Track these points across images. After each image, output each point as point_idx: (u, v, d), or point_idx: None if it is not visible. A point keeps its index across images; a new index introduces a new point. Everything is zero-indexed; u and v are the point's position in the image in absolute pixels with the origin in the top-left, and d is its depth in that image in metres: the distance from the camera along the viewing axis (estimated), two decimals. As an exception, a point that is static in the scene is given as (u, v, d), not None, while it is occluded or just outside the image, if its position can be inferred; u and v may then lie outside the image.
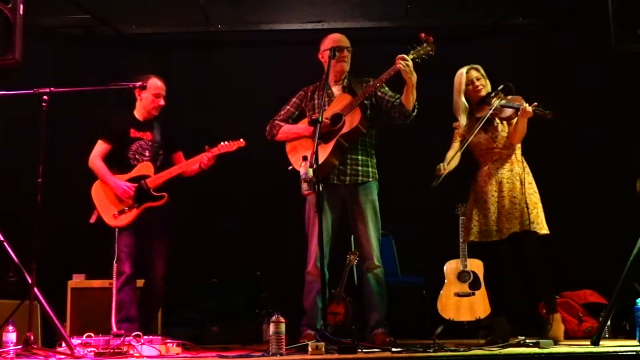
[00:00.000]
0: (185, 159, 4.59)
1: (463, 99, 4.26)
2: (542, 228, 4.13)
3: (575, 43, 5.82)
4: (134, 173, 4.45)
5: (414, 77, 4.08)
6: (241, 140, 4.49)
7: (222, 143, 4.48)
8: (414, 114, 4.25)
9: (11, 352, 3.33)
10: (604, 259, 5.09)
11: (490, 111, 4.11)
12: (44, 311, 3.57)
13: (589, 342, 3.73)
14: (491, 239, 4.14)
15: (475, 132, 4.11)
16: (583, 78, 5.67)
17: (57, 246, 5.09)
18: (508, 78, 4.34)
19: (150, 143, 4.51)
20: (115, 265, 4.32)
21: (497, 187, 4.17)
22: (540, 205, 4.17)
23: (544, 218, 4.16)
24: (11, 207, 5.04)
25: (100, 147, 4.51)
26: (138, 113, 4.57)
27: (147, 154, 4.50)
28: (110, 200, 4.42)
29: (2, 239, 3.62)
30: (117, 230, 4.36)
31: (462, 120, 4.26)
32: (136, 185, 4.40)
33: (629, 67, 5.11)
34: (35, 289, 3.48)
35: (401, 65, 4.04)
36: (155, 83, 4.52)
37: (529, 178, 4.19)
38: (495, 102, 4.12)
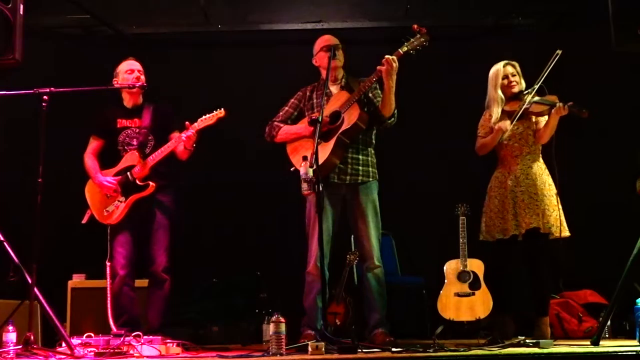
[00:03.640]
0: None
1: (499, 92, 4.28)
2: (564, 230, 4.16)
3: (575, 43, 5.82)
4: (120, 165, 4.37)
5: (393, 81, 4.07)
6: (221, 110, 4.31)
7: (201, 118, 4.30)
8: (391, 121, 4.24)
9: (11, 352, 3.33)
10: (604, 259, 5.09)
11: (525, 105, 4.14)
12: (44, 311, 3.57)
13: (589, 342, 3.72)
14: (509, 234, 4.13)
15: (513, 124, 4.13)
16: (583, 78, 5.66)
17: (57, 246, 5.09)
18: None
19: (137, 130, 4.40)
20: (108, 265, 4.28)
21: (516, 182, 4.19)
22: (560, 207, 4.19)
23: (564, 220, 4.19)
24: (11, 207, 5.04)
25: (92, 144, 4.47)
26: (125, 100, 4.48)
27: (134, 142, 4.39)
28: (100, 198, 4.36)
29: (2, 239, 3.62)
30: (109, 228, 4.30)
31: (497, 112, 4.26)
32: (119, 178, 4.32)
33: (629, 67, 5.11)
34: (35, 289, 3.48)
35: (392, 65, 4.03)
36: (125, 63, 4.44)
37: (549, 179, 4.21)
38: (529, 98, 4.14)
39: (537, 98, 4.17)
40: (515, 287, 4.27)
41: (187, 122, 4.28)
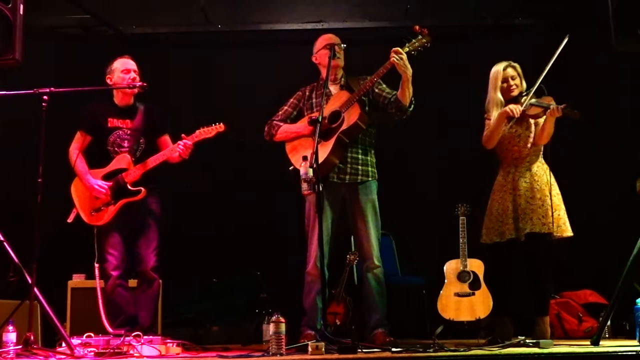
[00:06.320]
0: (173, 143, 4.35)
1: (499, 94, 4.27)
2: (565, 230, 4.17)
3: (575, 43, 5.81)
4: (110, 167, 4.28)
5: (409, 70, 4.08)
6: (220, 124, 4.25)
7: (200, 129, 4.24)
8: (411, 109, 4.24)
9: (11, 352, 3.33)
10: (604, 259, 5.09)
11: (522, 107, 4.13)
12: (44, 311, 3.57)
13: (589, 342, 3.72)
14: (505, 238, 4.14)
15: (509, 127, 4.14)
16: (583, 78, 5.66)
17: (57, 246, 5.09)
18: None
19: (129, 132, 4.31)
20: (96, 266, 4.23)
21: (513, 186, 4.19)
22: (563, 207, 4.20)
23: (567, 220, 4.19)
24: (11, 207, 5.04)
25: (79, 140, 4.34)
26: (117, 99, 4.38)
27: (125, 144, 4.30)
28: (87, 198, 4.26)
29: (2, 239, 3.62)
30: (95, 229, 4.25)
31: (495, 115, 4.25)
32: (110, 183, 4.24)
33: (628, 66, 5.11)
34: (35, 289, 3.48)
35: (395, 59, 4.04)
36: (120, 61, 4.36)
37: (552, 179, 4.21)
38: (526, 100, 4.14)
39: (533, 100, 4.16)
40: (515, 289, 4.27)
41: (183, 135, 4.24)
